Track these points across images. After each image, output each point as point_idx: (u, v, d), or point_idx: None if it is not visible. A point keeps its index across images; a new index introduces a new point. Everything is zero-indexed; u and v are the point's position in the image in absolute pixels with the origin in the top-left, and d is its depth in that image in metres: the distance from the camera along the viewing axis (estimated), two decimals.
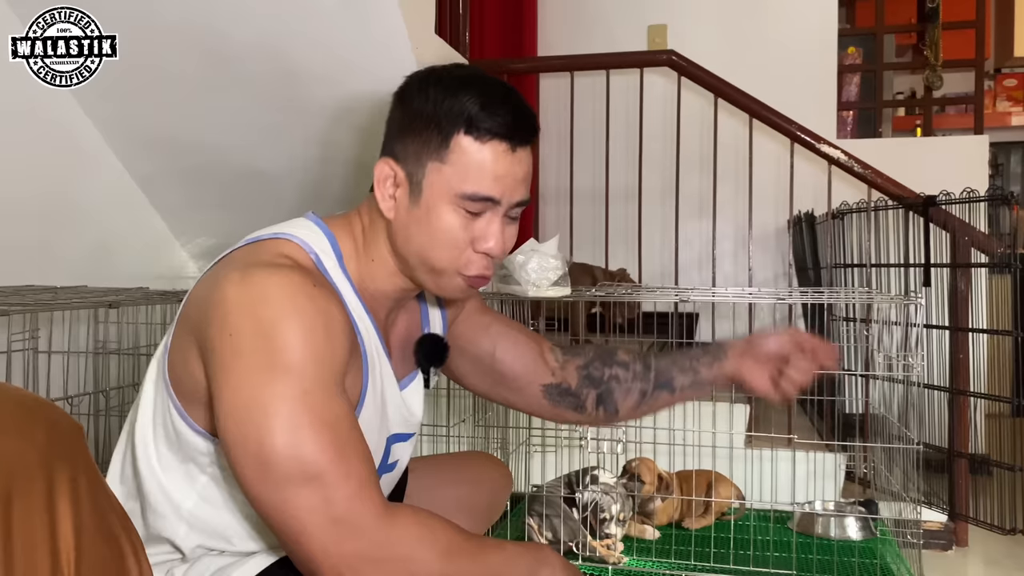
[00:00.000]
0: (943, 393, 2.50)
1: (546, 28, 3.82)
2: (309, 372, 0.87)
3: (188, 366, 0.95)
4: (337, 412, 0.89)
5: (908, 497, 1.91)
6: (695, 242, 3.31)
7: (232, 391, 0.87)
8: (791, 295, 2.14)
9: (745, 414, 2.43)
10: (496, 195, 0.98)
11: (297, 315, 0.88)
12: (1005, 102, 4.95)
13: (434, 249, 1.00)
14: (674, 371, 1.27)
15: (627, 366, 1.28)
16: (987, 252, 2.40)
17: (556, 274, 1.95)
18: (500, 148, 0.98)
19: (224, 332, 0.89)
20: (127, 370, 1.80)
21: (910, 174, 2.61)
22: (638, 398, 1.28)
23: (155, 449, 1.00)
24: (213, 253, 2.67)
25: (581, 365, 1.29)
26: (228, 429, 0.87)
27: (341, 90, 2.10)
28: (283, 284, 0.90)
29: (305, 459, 0.85)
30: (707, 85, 2.66)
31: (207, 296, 0.93)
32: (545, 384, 1.28)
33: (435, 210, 0.99)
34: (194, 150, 2.31)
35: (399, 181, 1.01)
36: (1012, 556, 2.31)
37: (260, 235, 1.02)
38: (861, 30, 4.10)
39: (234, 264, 0.95)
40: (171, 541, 1.01)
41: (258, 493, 0.86)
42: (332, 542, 0.85)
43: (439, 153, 0.97)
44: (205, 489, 1.00)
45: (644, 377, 1.27)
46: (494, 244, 1.00)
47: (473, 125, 0.96)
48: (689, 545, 2.03)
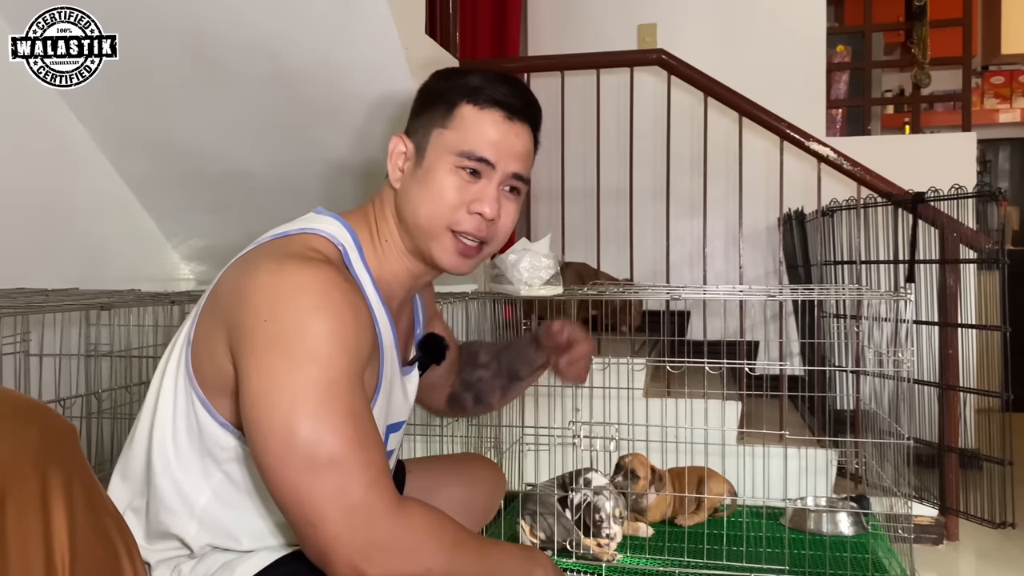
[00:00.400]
0: (933, 388, 2.52)
1: (536, 27, 3.82)
2: (337, 363, 0.91)
3: (214, 355, 0.98)
4: (360, 404, 0.93)
5: (899, 492, 1.93)
6: (686, 240, 3.32)
7: (263, 375, 0.90)
8: (781, 292, 2.15)
9: (737, 411, 2.44)
10: (491, 157, 1.06)
11: (330, 308, 0.92)
12: (993, 99, 4.98)
13: (428, 205, 1.06)
14: (518, 363, 1.41)
15: (487, 366, 1.41)
16: (975, 248, 2.42)
17: (548, 273, 1.96)
18: (498, 115, 1.06)
19: (259, 318, 0.92)
20: (119, 372, 1.79)
21: (899, 171, 2.63)
22: (500, 392, 1.42)
23: (173, 444, 1.01)
24: (205, 255, 2.68)
25: (458, 371, 1.42)
26: (255, 411, 0.90)
27: (333, 91, 2.10)
28: (318, 277, 0.94)
29: (328, 445, 0.88)
30: (697, 84, 2.67)
31: (240, 283, 0.96)
32: (447, 392, 1.42)
33: (434, 170, 1.06)
34: (185, 152, 2.31)
35: (409, 154, 1.10)
36: (1002, 550, 2.33)
37: (286, 230, 1.05)
38: (850, 28, 4.12)
39: (268, 255, 0.99)
40: (181, 538, 1.02)
41: (279, 476, 0.89)
42: (347, 528, 0.87)
43: (443, 121, 1.07)
44: (220, 487, 1.01)
45: (500, 373, 1.41)
46: (487, 206, 1.06)
47: (474, 94, 1.06)
48: (682, 542, 2.04)
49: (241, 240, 2.66)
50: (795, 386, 2.73)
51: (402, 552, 0.89)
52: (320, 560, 0.90)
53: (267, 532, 1.04)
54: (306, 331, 0.91)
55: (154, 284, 2.45)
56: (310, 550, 0.90)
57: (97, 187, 2.33)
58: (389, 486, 0.91)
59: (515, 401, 2.37)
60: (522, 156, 1.09)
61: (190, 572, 1.02)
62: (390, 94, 2.08)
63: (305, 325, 0.91)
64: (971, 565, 2.32)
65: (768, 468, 2.25)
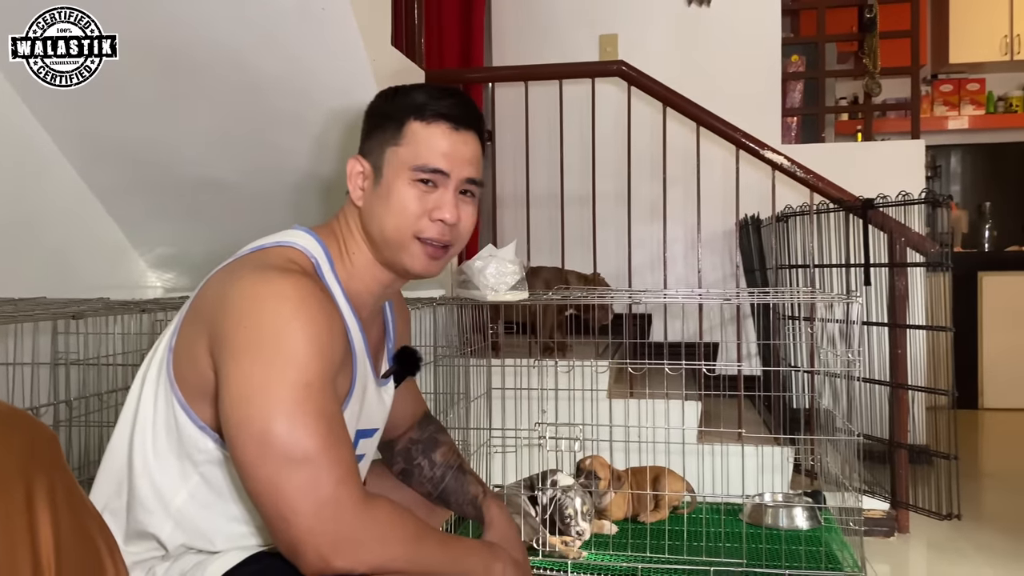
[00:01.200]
0: (884, 387, 2.61)
1: (500, 37, 3.88)
2: (313, 367, 0.97)
3: (195, 360, 1.03)
4: (331, 406, 0.99)
5: (851, 487, 2.01)
6: (647, 245, 3.39)
7: (242, 376, 0.96)
8: (739, 295, 2.23)
9: (697, 411, 2.52)
10: (444, 167, 1.13)
11: (307, 316, 0.99)
12: (942, 106, 5.14)
13: (393, 218, 1.12)
14: (452, 498, 1.38)
15: (434, 466, 1.39)
16: (922, 252, 2.52)
17: (514, 278, 2.01)
18: (445, 127, 1.14)
19: (240, 324, 0.98)
20: (90, 381, 1.81)
21: (852, 178, 2.72)
22: (424, 494, 1.40)
23: (153, 446, 1.06)
24: (172, 263, 2.68)
25: (413, 439, 1.41)
26: (235, 411, 0.95)
27: (300, 101, 2.13)
28: (297, 286, 1.01)
29: (302, 443, 0.94)
30: (656, 94, 2.74)
31: (223, 292, 1.02)
32: (388, 439, 1.40)
33: (393, 186, 1.13)
34: (152, 161, 2.32)
35: (367, 173, 1.16)
36: (950, 540, 2.43)
37: (263, 243, 1.11)
38: (804, 39, 4.23)
39: (249, 265, 1.05)
40: (156, 537, 1.06)
41: (255, 472, 0.94)
42: (317, 521, 0.93)
43: (395, 139, 1.14)
44: (196, 488, 1.06)
45: (435, 485, 1.39)
46: (447, 212, 1.13)
47: (420, 111, 1.13)
48: (645, 538, 2.10)
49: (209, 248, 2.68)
50: (752, 386, 2.82)
51: (368, 544, 0.95)
52: (291, 552, 0.95)
53: (240, 534, 1.08)
54: (284, 337, 0.97)
55: (121, 292, 2.45)
56: (282, 543, 0.96)
57: (63, 196, 2.32)
58: (357, 483, 0.98)
59: (482, 403, 2.42)
60: (472, 161, 1.16)
61: (164, 573, 1.05)
62: (356, 105, 2.10)
63: (283, 331, 0.97)
64: (921, 556, 2.42)
65: (727, 466, 2.33)
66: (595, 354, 2.63)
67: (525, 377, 2.37)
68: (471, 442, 2.30)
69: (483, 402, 2.43)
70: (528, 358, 2.45)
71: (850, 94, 5.03)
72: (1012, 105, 5.13)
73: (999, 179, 5.24)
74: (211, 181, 2.38)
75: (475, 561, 1.10)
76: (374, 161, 1.15)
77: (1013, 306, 4.59)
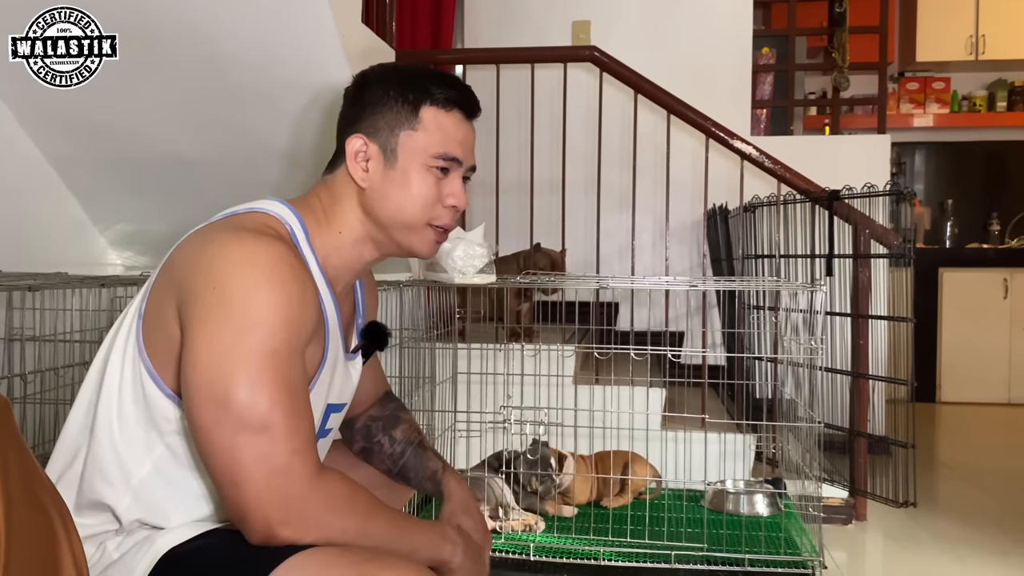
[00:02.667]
0: (845, 377, 2.65)
1: (473, 20, 3.86)
2: (279, 334, 0.96)
3: (164, 323, 1.01)
4: (295, 376, 0.98)
5: (811, 475, 2.04)
6: (616, 233, 3.40)
7: (207, 338, 0.94)
8: (705, 283, 2.24)
9: (661, 397, 2.53)
10: (460, 156, 1.16)
11: (278, 281, 0.97)
12: (908, 104, 5.22)
13: (412, 205, 1.13)
14: (411, 474, 1.37)
15: (394, 443, 1.38)
16: (886, 244, 2.56)
17: (482, 261, 2.00)
18: (459, 116, 1.17)
19: (208, 285, 0.96)
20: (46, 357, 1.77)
21: (818, 170, 2.75)
22: (384, 471, 1.38)
23: (119, 415, 1.04)
24: (133, 240, 2.64)
25: (374, 416, 1.39)
26: (195, 372, 0.94)
27: (267, 77, 2.10)
28: (269, 251, 0.99)
29: (261, 410, 0.93)
30: (627, 81, 2.74)
31: (194, 253, 1.01)
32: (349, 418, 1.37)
33: (411, 172, 1.13)
34: (114, 135, 2.27)
35: (371, 153, 1.14)
36: (906, 528, 2.48)
37: (236, 210, 1.10)
38: (775, 31, 4.27)
39: (223, 228, 1.03)
40: (112, 509, 1.04)
41: (210, 435, 0.93)
42: (266, 490, 0.92)
43: (410, 122, 1.13)
44: (160, 460, 1.04)
45: (395, 461, 1.38)
46: (459, 199, 1.17)
47: (438, 98, 1.14)
48: (607, 523, 2.11)
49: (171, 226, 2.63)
50: (716, 374, 2.84)
51: (316, 516, 0.95)
52: (239, 519, 0.94)
53: (200, 513, 1.06)
54: (252, 301, 0.96)
55: (81, 269, 2.39)
56: (231, 509, 0.95)
57: (20, 168, 2.27)
58: (313, 455, 0.97)
59: (447, 387, 2.41)
60: (473, 149, 1.20)
61: (116, 548, 1.03)
62: (325, 83, 2.09)
63: (252, 296, 0.96)
64: (877, 543, 2.46)
65: (689, 452, 2.34)
66: (561, 340, 2.64)
67: (491, 362, 2.37)
68: (435, 426, 2.29)
69: (448, 386, 2.42)
70: (495, 343, 2.44)
71: (819, 89, 5.08)
72: (976, 104, 5.22)
73: (961, 177, 5.33)
74: (175, 157, 2.34)
75: (424, 540, 1.08)
76: (383, 142, 1.14)
77: (972, 302, 4.68)
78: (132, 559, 1.00)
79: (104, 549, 1.03)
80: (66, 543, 0.87)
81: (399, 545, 1.03)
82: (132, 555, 1.00)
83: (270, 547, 0.94)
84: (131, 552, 1.01)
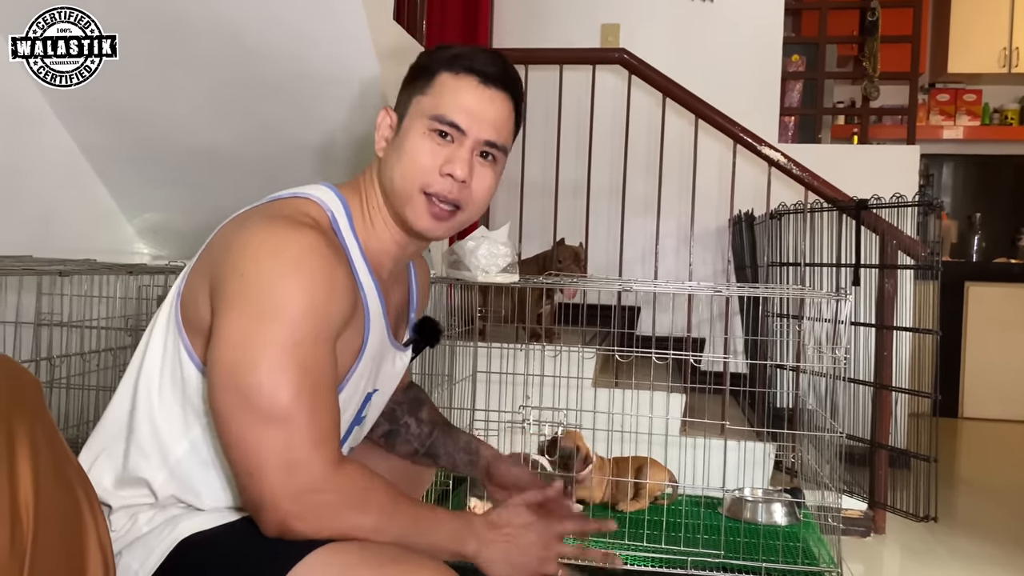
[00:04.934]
0: (868, 388, 2.62)
1: (502, 21, 3.86)
2: (304, 325, 0.95)
3: (198, 304, 1.02)
4: (321, 367, 0.96)
5: (831, 485, 2.02)
6: (639, 238, 3.39)
7: (233, 326, 0.94)
8: (728, 288, 2.23)
9: (681, 403, 2.52)
10: (462, 123, 1.07)
11: (306, 271, 0.96)
12: (938, 116, 5.16)
13: (402, 167, 1.08)
14: (441, 450, 1.37)
15: (420, 423, 1.38)
16: (912, 255, 2.53)
17: (505, 260, 2.00)
18: (472, 81, 1.08)
19: (237, 272, 0.96)
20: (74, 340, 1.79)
21: (845, 179, 2.73)
22: (410, 452, 1.38)
23: (159, 392, 1.05)
24: (160, 229, 2.66)
25: (398, 400, 1.37)
26: (220, 359, 0.94)
27: (298, 71, 2.11)
28: (301, 240, 0.98)
29: (281, 400, 0.92)
30: (656, 84, 2.74)
31: (229, 239, 1.01)
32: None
33: (409, 133, 1.09)
34: (145, 124, 2.29)
35: (392, 123, 1.12)
36: (925, 543, 2.45)
37: (281, 194, 1.09)
38: (805, 39, 4.23)
39: (261, 214, 1.03)
40: (149, 484, 1.05)
41: (228, 422, 0.93)
42: (282, 482, 0.92)
43: (423, 89, 1.10)
44: (196, 439, 1.05)
45: (422, 441, 1.37)
46: (458, 167, 1.06)
47: (452, 63, 1.09)
48: (624, 527, 2.10)
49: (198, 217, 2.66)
50: (738, 382, 2.82)
51: (331, 512, 0.94)
52: (254, 510, 0.94)
53: (229, 494, 1.06)
54: (279, 291, 0.95)
55: (107, 256, 2.41)
56: (247, 499, 0.95)
57: (52, 155, 2.30)
58: (332, 448, 0.96)
59: (467, 385, 2.41)
60: (497, 123, 1.10)
61: (147, 522, 1.04)
62: (354, 77, 2.10)
63: (279, 285, 0.96)
64: (895, 557, 2.43)
65: (708, 459, 2.33)
66: (582, 342, 2.63)
67: (511, 362, 2.36)
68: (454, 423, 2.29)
69: (468, 384, 2.42)
70: (515, 343, 2.44)
71: (848, 98, 5.04)
72: (1007, 118, 5.16)
73: (990, 191, 5.27)
74: (205, 149, 2.36)
75: (446, 534, 1.03)
76: (400, 111, 1.12)
77: (998, 317, 4.62)
78: (154, 539, 1.01)
79: (136, 520, 1.04)
80: (91, 521, 0.88)
81: (419, 540, 1.00)
82: (156, 533, 1.01)
83: (286, 542, 0.93)
84: (157, 530, 1.02)
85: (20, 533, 0.76)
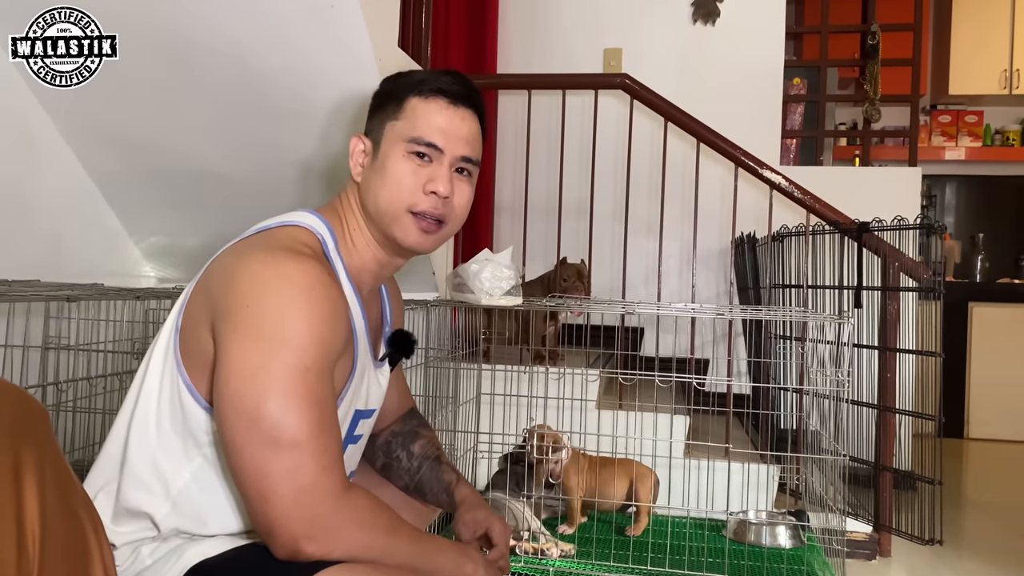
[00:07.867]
0: (872, 410, 2.62)
1: (506, 46, 3.89)
2: (311, 353, 0.97)
3: (199, 337, 1.03)
4: (325, 394, 0.99)
5: (835, 508, 2.01)
6: (642, 260, 3.40)
7: (240, 354, 0.96)
8: (731, 311, 2.24)
9: (685, 425, 2.52)
10: (439, 143, 1.14)
11: (311, 301, 0.99)
12: (940, 137, 5.18)
13: (387, 191, 1.13)
14: (427, 488, 1.38)
15: (411, 458, 1.39)
16: (915, 277, 2.53)
17: (509, 283, 2.01)
18: (441, 103, 1.15)
19: (243, 302, 0.98)
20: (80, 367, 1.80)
21: (847, 201, 2.74)
22: (403, 487, 1.40)
23: (156, 425, 1.06)
24: (166, 252, 2.68)
25: (395, 431, 1.40)
26: (228, 387, 0.96)
27: (303, 97, 2.14)
28: (303, 270, 1.01)
29: (291, 427, 0.95)
30: (658, 109, 2.76)
31: (230, 270, 1.03)
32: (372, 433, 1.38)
33: (388, 158, 1.15)
34: (153, 149, 2.32)
35: (367, 150, 1.18)
36: (931, 566, 2.44)
37: (269, 224, 1.12)
38: (806, 62, 4.26)
39: (259, 245, 1.06)
40: (151, 517, 1.06)
41: (241, 450, 0.95)
42: (294, 505, 0.94)
43: (395, 114, 1.16)
44: (199, 470, 1.06)
45: (412, 476, 1.39)
46: (440, 184, 1.14)
47: (419, 87, 1.15)
48: (628, 550, 2.10)
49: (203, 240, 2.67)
50: (741, 404, 2.82)
51: (341, 533, 0.96)
52: (265, 533, 0.96)
53: (236, 520, 1.08)
54: (286, 320, 0.98)
55: (114, 280, 2.44)
56: (258, 523, 0.96)
57: (61, 179, 2.32)
58: (340, 473, 0.98)
59: (470, 408, 2.42)
60: (469, 139, 1.17)
61: (150, 555, 1.05)
62: (359, 102, 2.12)
63: (285, 314, 0.98)
64: None
65: (712, 481, 2.33)
66: (586, 364, 2.64)
67: (515, 384, 2.37)
68: (457, 446, 2.30)
69: (472, 406, 2.43)
70: (519, 364, 2.45)
71: (849, 120, 5.07)
72: (1009, 139, 5.18)
73: (993, 211, 5.28)
74: (210, 173, 2.38)
75: (447, 559, 1.10)
76: (374, 138, 1.17)
77: (1002, 338, 4.61)
78: (162, 567, 1.02)
79: (138, 554, 1.05)
80: (97, 552, 0.89)
81: (422, 562, 1.04)
82: (162, 563, 1.02)
83: (296, 564, 0.95)
84: (162, 560, 1.03)
85: (26, 563, 0.77)
